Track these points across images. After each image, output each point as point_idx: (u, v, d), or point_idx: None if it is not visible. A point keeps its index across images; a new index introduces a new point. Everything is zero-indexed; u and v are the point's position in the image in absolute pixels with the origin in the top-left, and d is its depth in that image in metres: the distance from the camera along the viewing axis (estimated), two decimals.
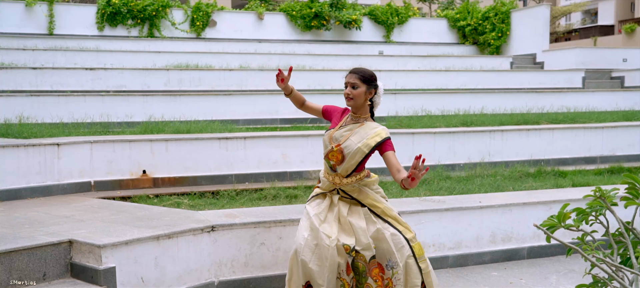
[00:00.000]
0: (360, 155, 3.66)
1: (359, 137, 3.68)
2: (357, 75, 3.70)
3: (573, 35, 39.10)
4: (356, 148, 3.64)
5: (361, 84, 3.69)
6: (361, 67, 3.76)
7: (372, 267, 3.60)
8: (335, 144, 3.70)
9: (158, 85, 10.43)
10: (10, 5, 13.09)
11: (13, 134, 6.62)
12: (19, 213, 4.88)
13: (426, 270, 3.65)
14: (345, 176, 3.72)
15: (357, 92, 3.69)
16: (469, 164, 7.85)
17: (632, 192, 2.54)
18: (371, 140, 3.66)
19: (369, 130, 3.70)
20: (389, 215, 3.72)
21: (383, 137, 3.68)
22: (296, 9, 15.42)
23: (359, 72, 3.72)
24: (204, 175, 6.79)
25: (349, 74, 3.72)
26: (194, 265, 4.23)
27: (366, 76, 3.71)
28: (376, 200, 3.76)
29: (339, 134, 3.73)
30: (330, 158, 3.71)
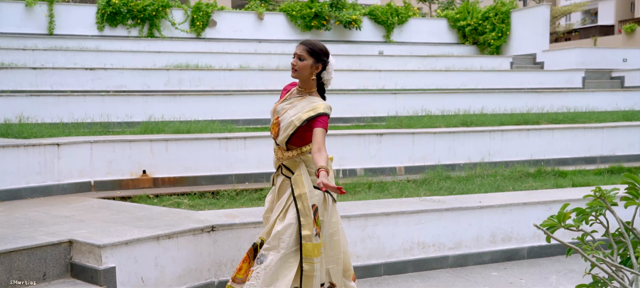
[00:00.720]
0: (292, 128, 3.51)
1: (296, 110, 3.54)
2: (305, 47, 3.55)
3: (573, 35, 39.10)
4: (289, 121, 3.52)
5: (308, 56, 3.54)
6: (313, 40, 3.63)
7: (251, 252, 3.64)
8: (275, 117, 3.64)
9: (158, 85, 10.43)
10: (10, 5, 13.09)
11: (13, 134, 6.62)
12: (19, 213, 4.88)
13: (309, 273, 3.45)
14: (286, 149, 3.60)
15: (303, 64, 3.54)
16: (469, 164, 7.85)
17: (632, 192, 2.54)
18: (305, 114, 3.50)
19: (308, 104, 3.54)
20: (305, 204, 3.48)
21: (318, 111, 3.50)
22: (296, 9, 15.42)
23: (308, 44, 3.57)
24: (204, 175, 6.79)
25: (299, 44, 3.58)
26: (194, 265, 4.23)
27: (315, 49, 3.55)
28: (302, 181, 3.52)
29: (281, 106, 3.63)
30: (271, 131, 3.66)
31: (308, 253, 3.45)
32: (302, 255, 3.45)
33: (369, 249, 4.89)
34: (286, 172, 3.62)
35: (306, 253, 3.45)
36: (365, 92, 10.82)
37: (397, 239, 4.96)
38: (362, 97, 10.48)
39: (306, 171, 3.57)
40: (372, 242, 4.89)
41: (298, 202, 3.50)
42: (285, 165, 3.62)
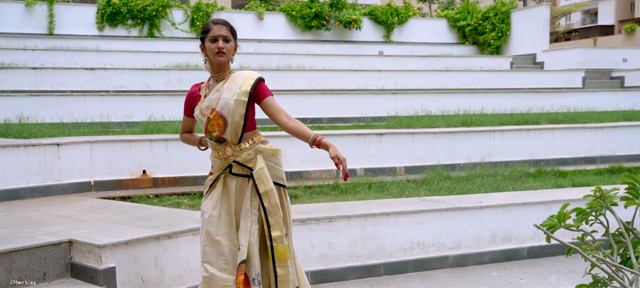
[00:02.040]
0: (242, 107, 3.16)
1: (230, 91, 3.18)
2: (228, 28, 3.23)
3: (573, 35, 39.10)
4: (234, 101, 3.15)
5: (232, 37, 3.24)
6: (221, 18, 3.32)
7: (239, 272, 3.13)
8: (209, 112, 3.19)
9: (158, 85, 10.43)
10: (10, 5, 13.09)
11: (13, 134, 6.62)
12: (19, 213, 4.88)
13: (284, 277, 3.19)
14: (238, 141, 3.22)
15: (230, 46, 3.22)
16: (469, 164, 7.85)
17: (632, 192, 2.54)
18: (245, 86, 3.18)
19: (237, 79, 3.22)
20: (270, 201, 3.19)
21: (255, 78, 3.20)
22: (296, 9, 15.42)
23: (228, 24, 3.25)
24: (204, 175, 6.77)
25: (217, 25, 3.20)
26: (194, 265, 4.23)
27: (234, 28, 3.27)
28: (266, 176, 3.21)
29: (208, 100, 3.22)
30: (212, 130, 3.19)
31: (280, 256, 3.17)
32: (274, 259, 3.17)
33: (369, 249, 4.89)
34: (240, 170, 3.23)
35: (278, 257, 3.16)
36: (365, 92, 10.81)
37: (397, 239, 4.96)
38: (362, 97, 10.48)
39: (265, 163, 3.25)
40: (372, 242, 4.89)
41: (264, 199, 3.18)
42: (238, 162, 3.21)
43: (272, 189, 3.21)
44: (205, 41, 3.23)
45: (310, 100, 9.96)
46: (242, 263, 3.12)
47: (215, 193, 3.26)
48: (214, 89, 3.25)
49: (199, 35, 3.34)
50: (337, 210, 4.91)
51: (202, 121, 3.23)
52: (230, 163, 3.25)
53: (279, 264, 3.18)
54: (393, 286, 4.70)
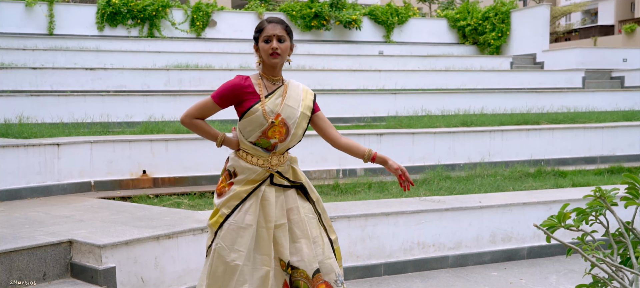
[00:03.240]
0: (306, 121, 3.04)
1: (294, 101, 3.00)
2: (283, 27, 3.00)
3: (573, 35, 39.10)
4: (300, 113, 2.99)
5: (288, 36, 3.02)
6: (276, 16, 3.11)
7: (318, 282, 2.93)
8: (274, 116, 2.94)
9: (158, 85, 10.43)
10: (10, 5, 13.09)
11: (13, 134, 6.62)
12: (19, 213, 4.88)
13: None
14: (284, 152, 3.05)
15: (285, 46, 2.99)
16: (469, 164, 7.85)
17: (632, 192, 2.54)
18: (307, 101, 3.04)
19: (297, 89, 3.04)
20: (322, 207, 3.12)
21: (313, 94, 3.08)
22: (296, 9, 15.42)
23: (283, 22, 3.02)
24: (204, 175, 6.78)
25: (271, 24, 2.97)
26: (194, 265, 4.23)
27: (289, 28, 3.06)
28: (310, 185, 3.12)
29: (272, 103, 2.96)
30: (272, 136, 2.95)
31: (339, 258, 3.13)
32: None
33: (369, 249, 4.89)
34: (279, 181, 3.03)
35: (338, 258, 3.11)
36: (365, 92, 10.81)
37: (397, 239, 4.96)
38: (362, 97, 10.48)
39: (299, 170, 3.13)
40: (372, 242, 4.89)
41: (317, 206, 3.11)
42: (279, 172, 3.03)
43: (320, 199, 3.17)
44: (258, 41, 3.00)
45: None
46: (316, 273, 2.95)
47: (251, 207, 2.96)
48: (274, 92, 2.99)
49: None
50: (337, 210, 4.91)
51: (262, 124, 2.93)
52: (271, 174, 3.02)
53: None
54: (393, 286, 4.70)
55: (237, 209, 2.95)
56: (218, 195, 3.05)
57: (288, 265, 2.95)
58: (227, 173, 3.06)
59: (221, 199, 3.00)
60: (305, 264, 2.94)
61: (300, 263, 2.95)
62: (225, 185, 3.03)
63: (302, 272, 2.94)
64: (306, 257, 2.95)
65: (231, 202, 2.97)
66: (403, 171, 3.07)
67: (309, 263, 2.94)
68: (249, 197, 2.97)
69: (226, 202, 2.97)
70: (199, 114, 3.04)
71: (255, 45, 3.03)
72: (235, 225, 2.93)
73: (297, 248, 2.96)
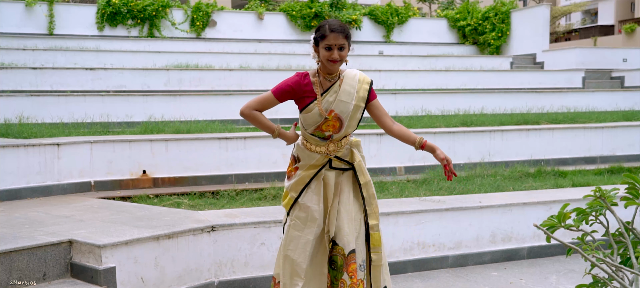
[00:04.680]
0: (359, 112, 3.28)
1: (348, 94, 3.22)
2: (344, 35, 3.16)
3: (573, 35, 39.11)
4: (353, 106, 3.23)
5: (347, 43, 3.19)
6: (341, 21, 3.27)
7: (351, 261, 3.23)
8: (328, 113, 3.22)
9: (158, 85, 10.43)
10: (10, 5, 13.09)
11: (13, 134, 6.62)
12: (19, 213, 4.88)
13: (377, 262, 3.34)
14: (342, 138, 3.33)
15: (344, 53, 3.18)
16: (469, 164, 7.85)
17: (632, 192, 2.54)
18: (362, 92, 3.26)
19: (352, 81, 3.25)
20: (369, 191, 3.36)
21: (369, 82, 3.29)
22: (296, 9, 15.42)
23: (345, 30, 3.18)
24: (204, 175, 6.79)
25: (333, 33, 3.13)
26: (194, 265, 4.23)
27: (349, 32, 3.22)
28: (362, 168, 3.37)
29: (326, 102, 3.22)
30: (326, 129, 3.25)
31: (375, 243, 3.33)
32: (370, 245, 3.32)
33: None
34: (338, 164, 3.33)
35: (374, 243, 3.32)
36: None
37: (397, 239, 4.96)
38: None
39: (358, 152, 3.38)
40: None
41: (364, 190, 3.33)
42: (338, 157, 3.33)
43: (370, 181, 3.37)
44: (319, 44, 3.18)
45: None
46: (351, 253, 3.22)
47: (316, 188, 3.30)
48: (329, 89, 3.23)
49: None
50: None
51: (317, 121, 3.23)
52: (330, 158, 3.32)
53: (373, 250, 3.33)
54: (393, 286, 4.70)
55: (303, 192, 3.31)
56: (287, 177, 3.42)
57: (330, 240, 3.27)
58: (293, 158, 3.42)
59: (290, 182, 3.37)
60: (344, 242, 3.23)
61: (340, 241, 3.25)
62: (291, 170, 3.40)
63: (340, 249, 3.24)
64: (345, 236, 3.23)
65: (298, 186, 3.32)
66: (448, 161, 3.25)
67: (347, 242, 3.23)
68: (312, 180, 3.30)
69: (294, 186, 3.34)
70: (259, 106, 3.35)
71: (315, 45, 3.22)
72: (304, 205, 3.29)
73: (340, 227, 3.25)
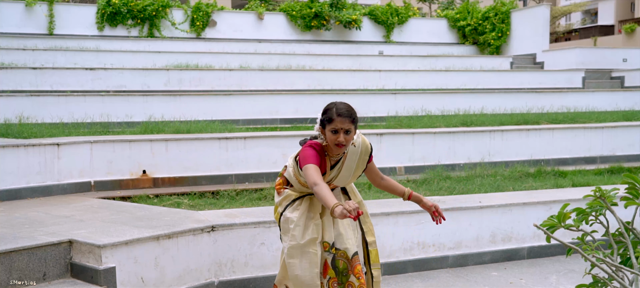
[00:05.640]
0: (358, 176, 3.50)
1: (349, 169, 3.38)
2: (351, 120, 3.27)
3: (573, 35, 39.10)
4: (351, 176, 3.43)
5: (353, 127, 3.30)
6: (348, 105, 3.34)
7: (356, 263, 3.33)
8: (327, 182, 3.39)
9: (158, 85, 10.43)
10: (10, 5, 13.09)
11: (13, 134, 6.62)
12: (19, 213, 4.88)
13: (378, 279, 3.49)
14: None
15: (350, 136, 3.29)
16: (469, 164, 7.85)
17: (632, 192, 2.54)
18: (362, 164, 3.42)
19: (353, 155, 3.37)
20: (364, 210, 3.54)
21: (369, 152, 3.43)
22: (296, 9, 15.42)
23: (351, 115, 3.28)
24: (204, 175, 6.79)
25: (340, 117, 3.23)
26: (194, 265, 4.23)
27: (355, 116, 3.32)
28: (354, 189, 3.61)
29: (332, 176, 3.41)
30: None
31: (374, 259, 3.48)
32: (371, 261, 3.47)
33: None
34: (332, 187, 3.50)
35: (373, 259, 3.47)
36: (365, 92, 10.82)
37: (397, 239, 4.96)
38: (362, 97, 10.48)
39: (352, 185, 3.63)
40: None
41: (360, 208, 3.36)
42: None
43: (362, 200, 3.59)
44: (325, 126, 3.28)
45: (310, 100, 9.96)
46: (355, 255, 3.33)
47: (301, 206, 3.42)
48: (335, 166, 3.39)
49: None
50: None
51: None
52: None
53: (373, 266, 3.48)
54: (393, 286, 4.70)
55: (289, 206, 3.45)
56: (277, 192, 3.56)
57: (332, 246, 3.35)
58: (284, 179, 3.55)
59: (278, 198, 3.52)
60: (347, 246, 3.34)
61: (342, 245, 3.35)
62: (281, 186, 3.53)
63: (343, 253, 3.33)
64: (347, 241, 3.34)
65: (284, 202, 3.48)
66: (436, 207, 3.46)
67: (351, 246, 3.34)
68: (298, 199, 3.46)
69: (281, 201, 3.49)
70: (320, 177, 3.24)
71: (322, 128, 3.33)
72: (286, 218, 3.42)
73: (340, 233, 3.36)
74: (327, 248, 3.35)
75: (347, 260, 3.32)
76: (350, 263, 3.31)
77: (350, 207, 2.92)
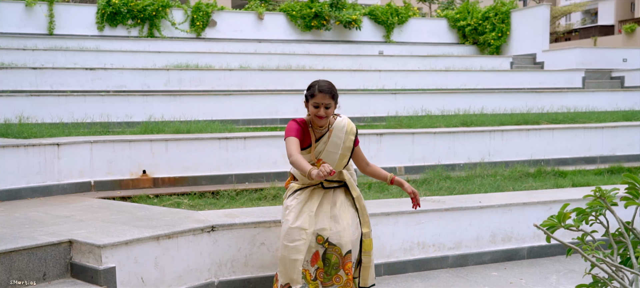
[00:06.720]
0: (346, 158, 3.82)
1: (335, 145, 3.76)
2: (331, 96, 3.69)
3: (573, 35, 39.10)
4: (339, 155, 3.77)
5: (333, 102, 3.72)
6: (329, 82, 3.73)
7: (347, 260, 3.65)
8: (316, 160, 3.78)
9: (158, 85, 10.43)
10: (10, 5, 13.10)
11: (13, 134, 6.62)
12: (19, 213, 4.88)
13: (366, 264, 3.80)
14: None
15: (330, 111, 3.73)
16: (469, 164, 7.85)
17: (632, 192, 2.54)
18: (348, 142, 3.80)
19: (340, 133, 3.77)
20: (361, 204, 3.84)
21: (354, 132, 3.82)
22: (296, 9, 15.42)
23: (331, 90, 3.69)
24: (204, 175, 6.79)
25: (321, 93, 3.67)
26: (194, 265, 4.23)
27: (335, 91, 3.73)
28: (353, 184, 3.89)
29: (317, 150, 3.79)
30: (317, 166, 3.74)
31: (366, 248, 3.77)
32: (362, 249, 3.76)
33: None
34: (328, 184, 3.84)
35: (365, 248, 3.77)
36: (365, 92, 10.82)
37: (397, 239, 4.96)
38: (362, 97, 10.49)
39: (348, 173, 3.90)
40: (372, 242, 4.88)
41: (356, 202, 3.81)
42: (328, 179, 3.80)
43: (361, 195, 3.88)
44: (309, 100, 3.72)
45: None
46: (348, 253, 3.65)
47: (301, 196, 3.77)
48: (320, 139, 3.79)
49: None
50: None
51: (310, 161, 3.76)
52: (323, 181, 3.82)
53: (364, 253, 3.79)
54: (393, 286, 4.70)
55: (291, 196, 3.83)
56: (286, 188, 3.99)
57: (325, 240, 3.63)
58: (291, 176, 3.99)
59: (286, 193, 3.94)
60: (342, 243, 3.63)
61: (337, 241, 3.64)
62: (289, 183, 3.97)
63: (337, 249, 3.63)
64: (342, 238, 3.63)
65: (287, 193, 3.90)
66: (415, 194, 3.90)
67: (345, 243, 3.63)
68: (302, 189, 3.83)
69: (286, 193, 3.92)
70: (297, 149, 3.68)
71: (306, 102, 3.77)
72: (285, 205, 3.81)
73: (336, 229, 3.66)
74: (320, 241, 3.64)
75: (340, 257, 3.63)
76: (342, 260, 3.63)
77: (325, 169, 3.30)
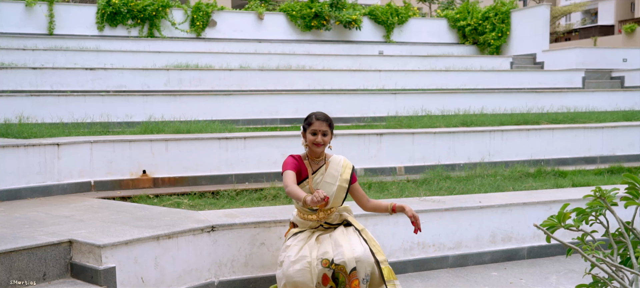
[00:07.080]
0: (344, 192, 3.87)
1: (332, 177, 3.84)
2: (327, 124, 3.84)
3: (573, 35, 39.09)
4: (337, 187, 3.82)
5: (330, 130, 3.86)
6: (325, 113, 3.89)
7: (353, 278, 3.61)
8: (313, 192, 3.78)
9: (158, 85, 10.43)
10: (10, 5, 13.10)
11: (13, 134, 6.62)
12: (19, 213, 4.88)
13: None
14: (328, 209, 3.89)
15: (327, 138, 3.84)
16: (469, 164, 7.85)
17: (632, 192, 2.54)
18: (345, 174, 3.87)
19: (337, 166, 3.88)
20: (367, 235, 3.84)
21: (351, 167, 3.90)
22: (296, 9, 15.42)
23: (328, 119, 3.86)
24: (204, 175, 6.79)
25: (318, 121, 3.83)
26: (194, 265, 4.23)
27: (331, 121, 3.88)
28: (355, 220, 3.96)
29: (315, 181, 3.85)
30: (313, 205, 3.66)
31: (388, 276, 3.69)
32: (385, 278, 3.69)
33: None
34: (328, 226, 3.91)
35: (387, 277, 3.69)
36: (365, 92, 10.81)
37: (397, 239, 4.96)
38: (362, 97, 10.48)
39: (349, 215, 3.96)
40: None
41: (363, 234, 3.80)
42: (327, 222, 3.90)
43: (365, 228, 3.87)
44: (306, 130, 3.85)
45: (310, 100, 9.96)
46: (353, 271, 3.59)
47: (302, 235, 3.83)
48: (317, 171, 3.88)
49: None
50: None
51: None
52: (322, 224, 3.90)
53: (389, 283, 3.69)
54: None
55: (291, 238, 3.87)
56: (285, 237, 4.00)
57: (331, 262, 3.62)
58: (291, 224, 4.03)
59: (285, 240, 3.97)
60: (345, 261, 3.60)
61: (340, 260, 3.62)
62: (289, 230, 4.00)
63: (342, 267, 3.61)
64: (345, 256, 3.60)
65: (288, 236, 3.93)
66: (416, 218, 3.87)
67: (348, 262, 3.59)
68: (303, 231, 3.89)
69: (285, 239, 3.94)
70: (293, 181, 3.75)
71: (303, 132, 3.89)
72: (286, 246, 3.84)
73: (339, 251, 3.65)
74: (326, 264, 3.63)
75: (346, 275, 3.60)
76: (348, 278, 3.60)
77: (319, 194, 3.37)
